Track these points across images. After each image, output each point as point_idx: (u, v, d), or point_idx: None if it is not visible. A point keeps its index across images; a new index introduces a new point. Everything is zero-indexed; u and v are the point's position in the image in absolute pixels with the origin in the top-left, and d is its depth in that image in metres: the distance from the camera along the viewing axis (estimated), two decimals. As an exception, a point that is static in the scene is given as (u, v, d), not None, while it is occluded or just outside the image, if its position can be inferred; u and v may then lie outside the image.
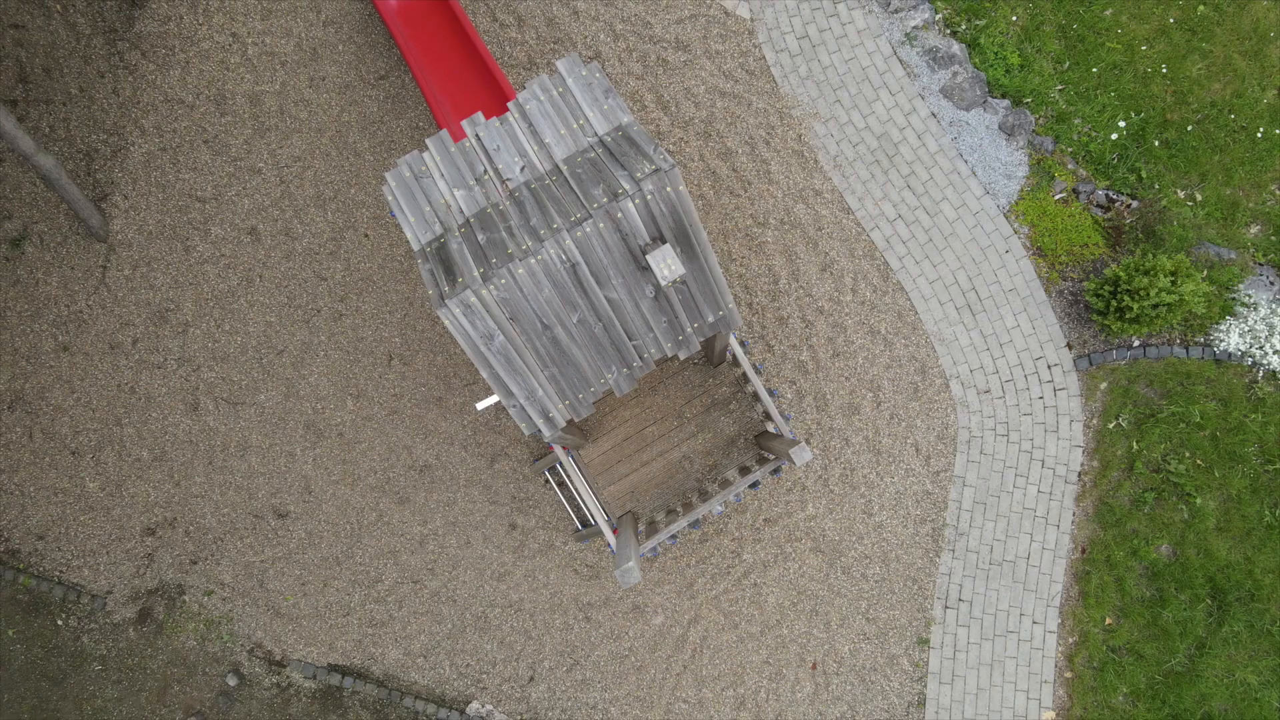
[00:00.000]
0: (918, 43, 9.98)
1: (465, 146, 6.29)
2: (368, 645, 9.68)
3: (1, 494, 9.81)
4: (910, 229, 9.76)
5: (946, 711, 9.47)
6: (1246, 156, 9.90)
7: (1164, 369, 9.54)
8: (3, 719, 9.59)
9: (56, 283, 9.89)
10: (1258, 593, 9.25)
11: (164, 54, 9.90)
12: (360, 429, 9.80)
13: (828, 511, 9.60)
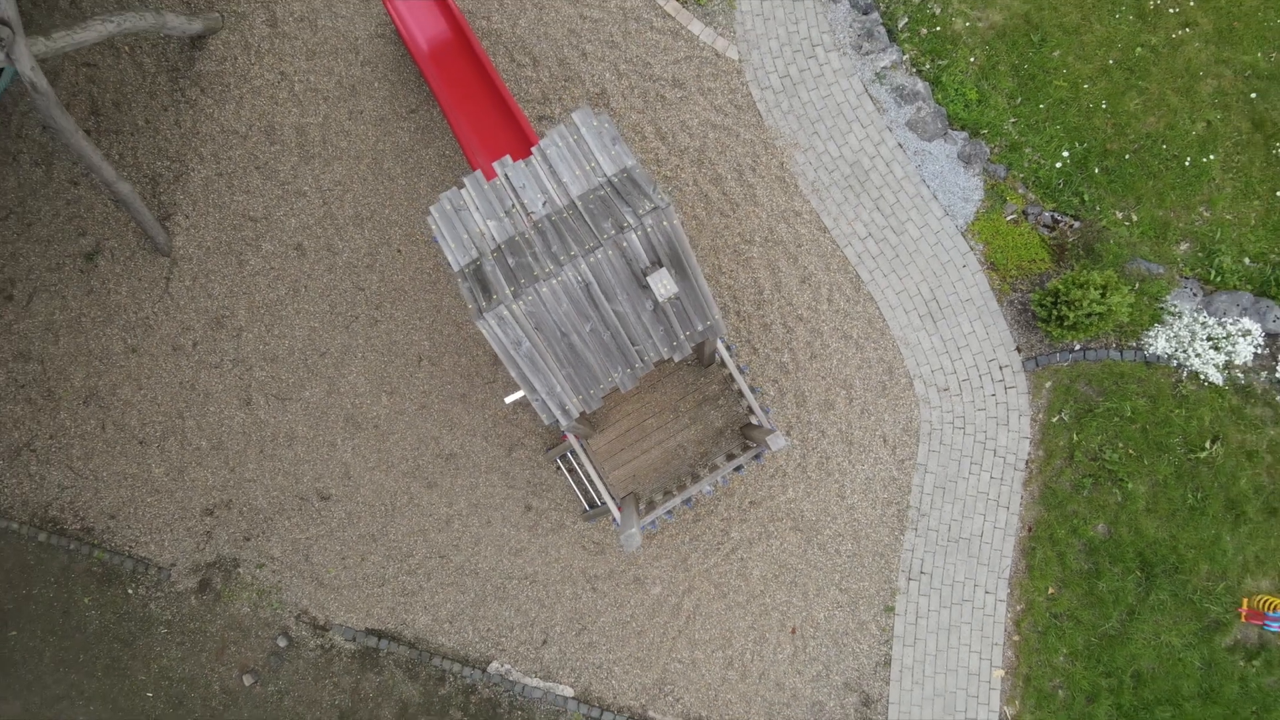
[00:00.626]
0: (886, 81, 11.34)
1: (496, 184, 7.64)
2: (400, 612, 11.03)
3: (78, 478, 11.16)
4: (879, 246, 11.11)
5: (909, 670, 10.82)
6: (1177, 182, 11.25)
7: (1101, 370, 10.89)
8: (80, 676, 10.94)
9: (126, 292, 11.23)
10: (1181, 566, 10.61)
11: (220, 90, 11.25)
12: (393, 421, 11.15)
13: (805, 495, 10.95)
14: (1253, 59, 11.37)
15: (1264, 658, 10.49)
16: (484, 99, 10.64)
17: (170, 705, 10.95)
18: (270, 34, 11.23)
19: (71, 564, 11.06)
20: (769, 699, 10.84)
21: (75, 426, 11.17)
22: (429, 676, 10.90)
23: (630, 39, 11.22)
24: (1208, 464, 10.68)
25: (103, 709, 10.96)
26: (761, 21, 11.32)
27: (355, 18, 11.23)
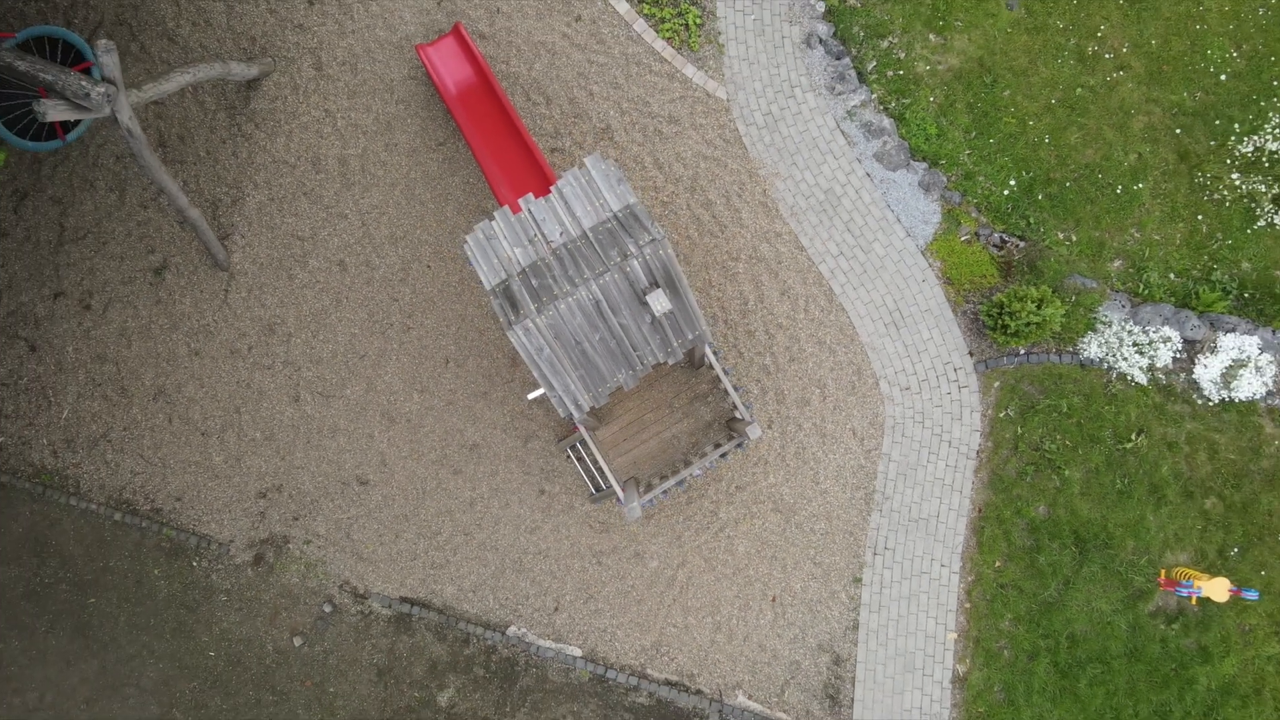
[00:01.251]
0: (856, 118, 12.98)
1: (521, 217, 9.28)
2: (430, 582, 12.67)
3: (148, 465, 12.79)
4: (849, 263, 12.75)
5: (874, 633, 12.47)
6: (1111, 207, 12.90)
7: (1042, 372, 12.54)
8: (150, 638, 12.57)
9: (189, 302, 12.88)
10: (1110, 542, 12.25)
11: (272, 125, 12.89)
12: (424, 416, 12.79)
13: (784, 480, 12.59)
14: (1179, 98, 13.02)
15: (1181, 621, 12.14)
16: (506, 136, 12.29)
17: (229, 663, 12.59)
18: (316, 76, 12.88)
19: (143, 540, 12.70)
20: (752, 658, 12.49)
21: (146, 420, 12.82)
22: (455, 638, 12.54)
23: (631, 80, 12.87)
24: (1134, 454, 12.34)
25: (170, 666, 12.60)
26: (747, 66, 12.97)
27: (391, 62, 12.87)
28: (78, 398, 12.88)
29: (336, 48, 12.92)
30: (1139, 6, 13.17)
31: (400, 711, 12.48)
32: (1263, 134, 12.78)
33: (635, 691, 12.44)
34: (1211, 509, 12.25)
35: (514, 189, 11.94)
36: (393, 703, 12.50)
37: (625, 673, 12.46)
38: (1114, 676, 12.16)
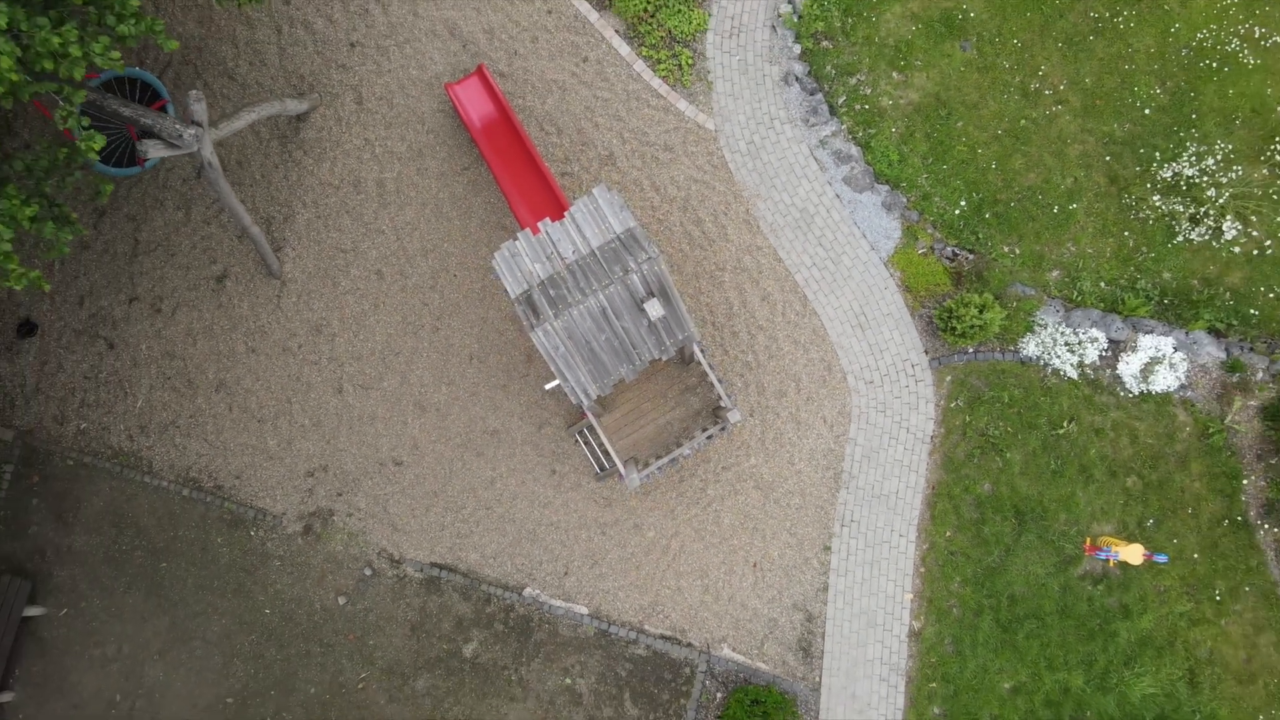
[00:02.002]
0: (827, 146, 15.00)
1: (540, 238, 11.30)
2: (456, 550, 14.69)
3: (211, 448, 14.81)
4: (821, 273, 14.77)
5: (842, 594, 14.49)
6: (1050, 224, 14.92)
7: (988, 368, 14.56)
8: (214, 597, 14.58)
9: (247, 306, 14.90)
10: (1045, 515, 14.28)
11: (319, 152, 14.90)
12: (450, 405, 14.80)
13: (764, 462, 14.61)
14: (1110, 129, 15.05)
15: (1105, 583, 14.16)
16: (523, 163, 14.31)
17: (282, 619, 14.61)
18: (357, 109, 14.90)
19: (207, 513, 14.72)
20: (736, 616, 14.51)
21: (209, 409, 14.84)
22: (478, 598, 14.57)
23: (632, 113, 14.89)
24: (1065, 439, 14.36)
25: (231, 622, 14.62)
26: (732, 100, 14.99)
27: (422, 97, 14.89)
28: (150, 389, 14.90)
29: (375, 85, 14.94)
30: (1075, 48, 15.19)
31: (431, 661, 14.51)
32: (1181, 161, 14.80)
33: (634, 644, 14.47)
34: (1132, 486, 14.28)
35: (530, 209, 13.96)
36: (424, 654, 14.53)
37: (625, 628, 14.48)
38: (1047, 630, 14.19)
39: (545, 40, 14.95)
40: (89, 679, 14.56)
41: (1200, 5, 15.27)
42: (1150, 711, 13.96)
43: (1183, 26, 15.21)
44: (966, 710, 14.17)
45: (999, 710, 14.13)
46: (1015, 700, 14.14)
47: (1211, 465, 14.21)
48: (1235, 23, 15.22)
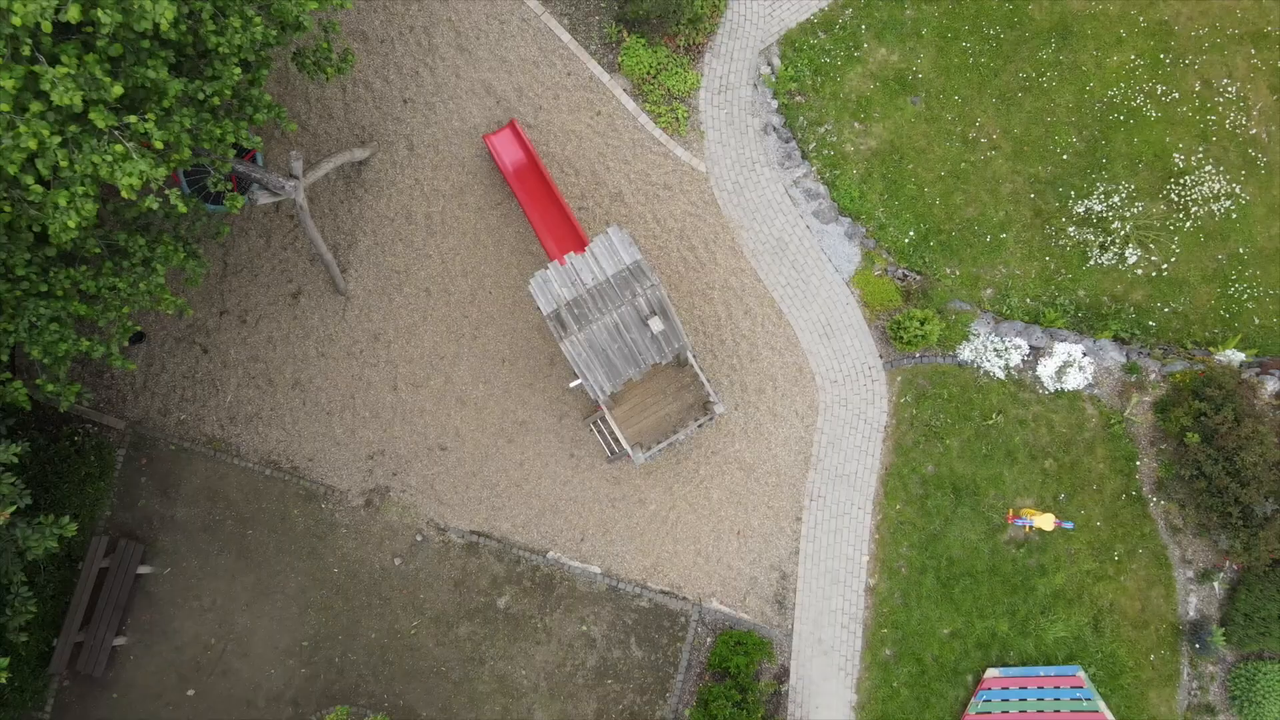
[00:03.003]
0: (799, 185, 18.28)
1: (566, 267, 14.58)
2: (491, 520, 17.95)
3: (288, 435, 18.07)
4: (794, 291, 18.04)
5: (810, 557, 17.74)
6: (984, 250, 18.18)
7: (931, 370, 17.84)
8: (291, 558, 17.84)
9: (317, 318, 18.17)
10: (978, 491, 17.54)
11: (377, 190, 18.18)
12: (487, 400, 18.07)
13: (747, 447, 17.87)
14: (1035, 171, 18.33)
15: (1026, 547, 17.43)
16: (548, 200, 17.59)
17: (348, 577, 17.89)
18: (409, 155, 18.18)
19: (285, 489, 18.00)
20: (723, 575, 17.77)
21: (286, 403, 18.12)
22: (510, 559, 17.84)
23: (637, 158, 18.17)
24: (994, 428, 17.64)
25: (305, 579, 17.89)
26: (721, 147, 18.27)
27: (464, 144, 18.17)
28: (237, 387, 18.18)
29: (424, 134, 18.22)
30: (1007, 103, 18.48)
31: (470, 611, 17.79)
32: (1093, 198, 18.08)
33: (638, 598, 17.74)
34: (1049, 467, 17.56)
35: (554, 240, 17.25)
36: (465, 605, 17.81)
37: (631, 584, 17.75)
38: (979, 586, 17.46)
39: (565, 97, 18.23)
40: (188, 626, 17.83)
41: (1111, 67, 18.58)
42: (1062, 651, 17.24)
43: (1097, 85, 18.52)
44: (912, 651, 17.44)
45: (939, 651, 17.42)
46: (952, 643, 17.42)
47: (1113, 450, 17.50)
48: (1140, 82, 18.53)
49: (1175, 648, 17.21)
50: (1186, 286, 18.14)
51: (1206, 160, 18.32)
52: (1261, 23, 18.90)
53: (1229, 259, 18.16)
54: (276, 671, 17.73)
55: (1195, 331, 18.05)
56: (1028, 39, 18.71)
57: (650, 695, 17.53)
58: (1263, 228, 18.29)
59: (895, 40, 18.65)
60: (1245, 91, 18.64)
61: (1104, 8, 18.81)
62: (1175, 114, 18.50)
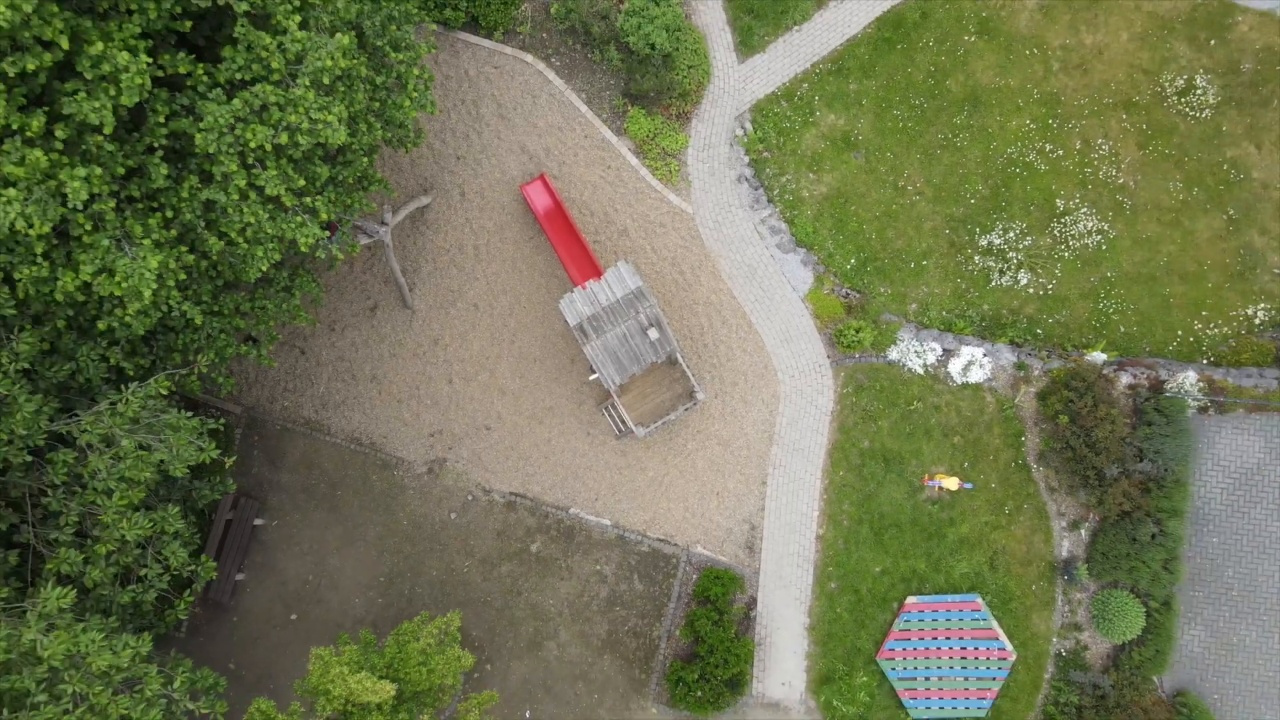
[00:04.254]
0: (765, 224, 23.90)
1: (587, 291, 20.22)
2: (525, 484, 23.55)
3: (367, 419, 23.69)
4: (762, 306, 23.67)
5: (773, 513, 23.33)
6: (910, 274, 23.81)
7: (868, 367, 23.46)
8: (370, 515, 23.44)
9: (389, 327, 23.80)
10: (902, 461, 23.14)
11: (436, 227, 23.79)
12: (522, 391, 23.68)
13: (724, 427, 23.49)
14: (951, 211, 23.96)
15: (939, 504, 23.05)
16: (570, 236, 23.21)
17: (414, 527, 23.48)
18: (461, 200, 23.83)
19: (365, 460, 23.62)
20: (705, 526, 23.38)
21: (366, 393, 23.76)
22: (539, 514, 23.44)
23: (639, 202, 23.80)
24: (915, 412, 23.26)
25: (382, 530, 23.49)
26: (704, 193, 23.89)
27: (504, 192, 23.80)
28: (328, 380, 23.80)
29: (472, 183, 23.85)
30: (929, 158, 24.09)
31: (510, 554, 23.39)
32: (994, 234, 23.69)
33: (640, 544, 23.35)
34: (957, 442, 23.18)
35: (576, 267, 22.89)
36: (505, 550, 23.41)
37: (634, 534, 23.34)
38: (902, 534, 23.05)
39: (583, 155, 23.87)
40: (291, 565, 23.45)
41: (1011, 130, 24.21)
42: (965, 583, 22.85)
43: (999, 144, 24.14)
44: (851, 585, 23.06)
45: (871, 585, 23.04)
46: (882, 578, 23.03)
47: (1005, 429, 23.13)
48: (1033, 141, 24.14)
49: (1051, 580, 22.84)
50: (1066, 302, 23.76)
51: (1084, 203, 23.94)
52: (1131, 94, 24.49)
53: (1100, 281, 23.77)
54: (359, 600, 23.37)
55: (1073, 337, 23.68)
56: (945, 107, 24.32)
57: (649, 618, 23.17)
58: (1127, 256, 23.90)
59: (841, 109, 24.27)
60: (1116, 148, 24.24)
61: (1006, 82, 24.42)
62: (1060, 167, 24.11)
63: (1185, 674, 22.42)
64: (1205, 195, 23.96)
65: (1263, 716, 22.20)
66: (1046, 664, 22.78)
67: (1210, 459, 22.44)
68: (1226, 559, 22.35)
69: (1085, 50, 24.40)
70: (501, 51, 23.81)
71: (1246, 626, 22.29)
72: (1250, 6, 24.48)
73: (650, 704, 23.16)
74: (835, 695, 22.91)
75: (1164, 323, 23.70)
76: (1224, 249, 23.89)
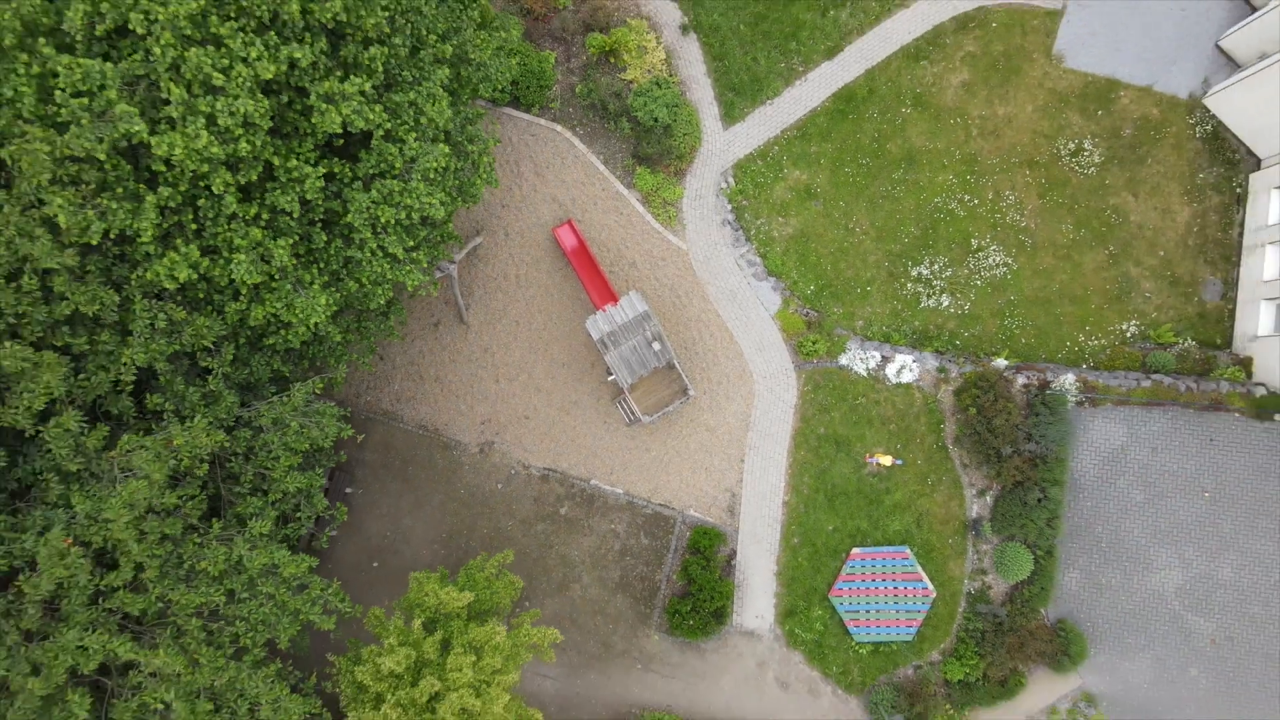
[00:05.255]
0: (744, 258, 31.07)
1: (606, 313, 27.43)
2: (556, 460, 30.73)
3: (433, 410, 30.87)
4: (740, 324, 30.85)
5: (749, 484, 30.50)
6: (859, 298, 31.01)
7: (824, 371, 30.65)
8: (435, 484, 30.63)
9: (449, 339, 30.98)
10: (851, 444, 30.31)
11: (486, 260, 30.96)
12: (554, 389, 30.85)
13: (711, 417, 30.68)
14: (890, 248, 31.17)
15: (878, 477, 30.26)
16: (591, 269, 30.41)
17: (469, 495, 30.65)
18: (505, 239, 31.03)
19: (431, 442, 30.81)
20: (696, 495, 30.59)
21: (431, 390, 30.95)
22: (567, 484, 30.61)
23: (645, 241, 30.98)
24: (860, 405, 30.46)
25: (444, 497, 30.66)
26: (696, 234, 31.08)
27: (539, 233, 31.00)
28: (401, 380, 30.99)
29: (514, 225, 31.03)
30: (874, 206, 31.28)
31: (544, 516, 30.57)
32: (922, 266, 30.87)
33: (645, 508, 30.54)
34: (892, 429, 30.37)
35: (597, 294, 30.09)
36: (540, 512, 30.60)
37: (641, 500, 30.53)
38: (849, 501, 30.23)
39: (601, 204, 31.04)
40: (372, 524, 30.64)
41: (938, 183, 31.40)
42: (898, 538, 30.05)
43: (928, 194, 31.33)
44: (809, 540, 30.27)
45: (825, 539, 30.25)
46: (833, 535, 30.25)
47: (929, 418, 30.34)
48: (955, 193, 31.34)
49: (963, 535, 30.05)
50: (979, 320, 30.95)
51: (994, 242, 31.11)
52: (1033, 154, 31.64)
53: (1005, 303, 30.96)
54: (426, 552, 30.59)
55: (983, 347, 30.87)
56: (886, 165, 31.48)
57: (652, 565, 30.41)
58: (1028, 284, 31.06)
59: (804, 166, 31.44)
60: (1020, 198, 31.41)
61: (934, 145, 31.58)
62: (976, 213, 31.29)
63: (1064, 606, 29.66)
64: (1091, 235, 31.17)
65: (1124, 639, 29.42)
66: (959, 600, 30.02)
67: (1085, 442, 29.66)
68: (1096, 518, 29.56)
69: (998, 119, 31.58)
70: (537, 123, 31.00)
71: (1112, 570, 29.50)
72: (1130, 83, 31.70)
73: (653, 632, 30.38)
74: (797, 625, 30.12)
75: (1055, 336, 30.94)
76: (1105, 278, 31.10)
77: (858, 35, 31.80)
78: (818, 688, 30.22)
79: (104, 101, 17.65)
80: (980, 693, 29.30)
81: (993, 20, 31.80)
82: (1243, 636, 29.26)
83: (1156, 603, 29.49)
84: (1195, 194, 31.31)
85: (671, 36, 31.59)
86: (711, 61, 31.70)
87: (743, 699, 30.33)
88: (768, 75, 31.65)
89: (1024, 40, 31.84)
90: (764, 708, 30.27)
